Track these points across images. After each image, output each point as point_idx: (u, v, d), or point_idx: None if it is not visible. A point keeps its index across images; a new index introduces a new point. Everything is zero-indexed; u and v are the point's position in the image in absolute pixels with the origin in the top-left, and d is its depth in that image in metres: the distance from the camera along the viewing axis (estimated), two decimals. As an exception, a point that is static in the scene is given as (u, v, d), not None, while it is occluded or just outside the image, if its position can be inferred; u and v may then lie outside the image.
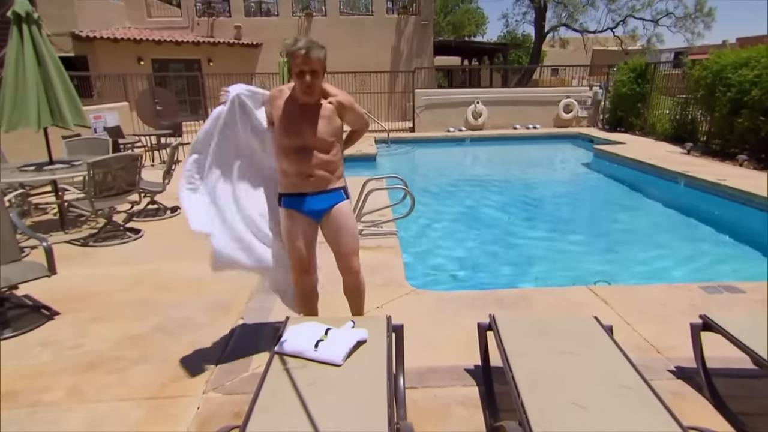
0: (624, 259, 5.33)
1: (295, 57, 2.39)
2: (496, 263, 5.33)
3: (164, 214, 6.09)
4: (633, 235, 6.23)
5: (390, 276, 4.06)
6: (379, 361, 2.05)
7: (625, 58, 17.69)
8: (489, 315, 2.59)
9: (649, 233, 6.30)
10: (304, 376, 1.97)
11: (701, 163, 8.80)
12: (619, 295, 3.70)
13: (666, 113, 12.32)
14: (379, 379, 1.93)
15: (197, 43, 16.26)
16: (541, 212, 7.37)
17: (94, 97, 13.57)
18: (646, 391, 1.91)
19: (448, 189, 9.05)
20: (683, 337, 2.82)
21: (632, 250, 5.59)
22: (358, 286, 2.87)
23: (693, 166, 8.39)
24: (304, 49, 2.37)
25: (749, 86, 8.71)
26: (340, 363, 2.02)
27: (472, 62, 29.58)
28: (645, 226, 6.67)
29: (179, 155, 6.59)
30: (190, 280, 4.03)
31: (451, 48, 24.04)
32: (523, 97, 15.45)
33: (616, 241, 5.94)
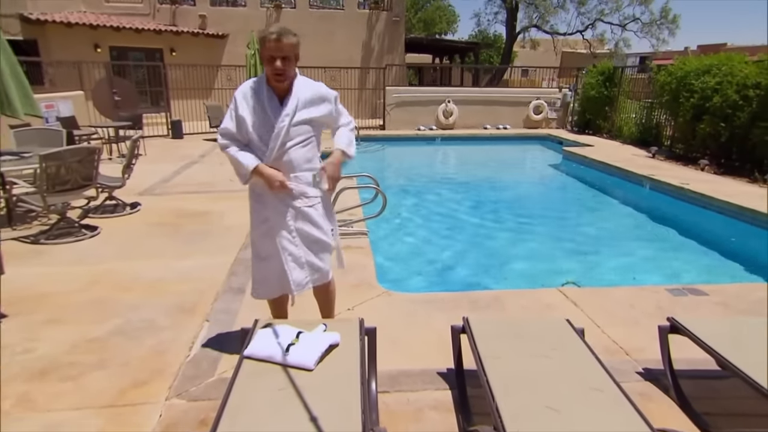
0: (592, 260, 5.47)
1: (266, 42, 2.39)
2: (468, 264, 5.38)
3: (123, 211, 5.91)
4: (601, 237, 6.40)
5: (361, 277, 4.05)
6: (352, 365, 2.04)
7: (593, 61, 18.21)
8: (462, 318, 2.61)
9: (616, 235, 6.48)
10: (275, 381, 1.94)
11: (665, 167, 9.13)
12: (589, 297, 3.80)
13: (632, 117, 12.73)
14: (351, 384, 1.92)
15: (159, 32, 15.82)
16: (511, 213, 7.48)
17: (46, 84, 13.02)
18: (617, 393, 1.97)
19: (419, 188, 9.10)
20: (650, 338, 2.92)
21: (600, 252, 5.74)
22: (328, 287, 2.85)
23: (658, 170, 8.69)
24: (275, 33, 2.37)
25: (711, 93, 9.08)
26: (312, 367, 2.00)
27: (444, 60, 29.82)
28: (612, 228, 6.86)
29: (139, 149, 6.41)
30: (151, 280, 3.93)
31: (422, 45, 24.16)
32: (494, 97, 15.69)
33: (584, 243, 6.08)
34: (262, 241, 2.65)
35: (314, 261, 2.67)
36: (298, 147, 2.54)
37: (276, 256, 2.61)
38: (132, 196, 6.41)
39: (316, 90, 2.59)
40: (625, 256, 5.59)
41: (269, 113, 2.48)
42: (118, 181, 5.83)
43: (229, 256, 4.48)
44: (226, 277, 4.02)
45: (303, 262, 2.64)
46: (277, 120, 2.48)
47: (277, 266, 2.62)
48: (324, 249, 2.72)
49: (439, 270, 5.22)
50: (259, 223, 2.65)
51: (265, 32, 2.40)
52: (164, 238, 5.03)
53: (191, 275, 4.05)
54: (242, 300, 3.58)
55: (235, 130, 2.54)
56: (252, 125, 2.50)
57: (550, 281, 4.65)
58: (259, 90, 2.51)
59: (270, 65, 2.42)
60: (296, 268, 2.63)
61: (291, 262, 2.61)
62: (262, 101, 2.49)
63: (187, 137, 13.01)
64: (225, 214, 5.85)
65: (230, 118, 2.55)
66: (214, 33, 16.90)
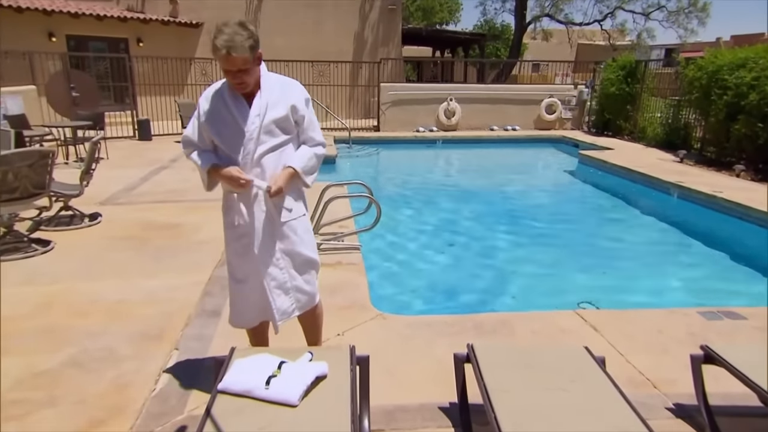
0: (613, 279, 5.48)
1: (218, 56, 2.32)
2: (472, 282, 5.37)
3: (81, 223, 5.87)
4: (623, 252, 6.41)
5: (352, 297, 4.03)
6: (342, 400, 2.02)
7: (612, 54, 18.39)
8: (467, 345, 2.60)
9: (640, 250, 6.50)
10: (254, 419, 1.91)
11: (695, 173, 9.19)
12: (610, 320, 3.79)
13: (657, 117, 12.85)
14: (341, 421, 1.90)
15: (124, 19, 15.87)
16: (521, 225, 7.50)
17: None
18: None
19: (418, 197, 9.11)
20: (681, 368, 2.91)
21: (622, 269, 5.75)
22: (314, 311, 2.83)
23: (687, 176, 8.75)
24: (224, 48, 2.27)
25: (747, 89, 9.18)
26: (296, 403, 1.98)
27: (445, 54, 30.07)
28: (636, 242, 6.88)
29: (101, 152, 6.39)
30: (112, 303, 3.89)
31: (421, 37, 24.35)
32: (502, 94, 15.81)
33: (604, 259, 6.09)
34: (237, 261, 2.62)
35: (301, 285, 2.66)
36: (273, 153, 2.52)
37: (254, 277, 2.58)
38: (91, 206, 6.37)
39: (287, 86, 2.57)
40: (650, 274, 5.60)
41: (236, 116, 2.46)
42: (76, 188, 5.79)
43: (203, 274, 4.45)
44: (198, 298, 3.99)
45: (289, 287, 2.62)
46: (246, 124, 2.45)
47: (256, 290, 2.60)
48: (312, 268, 2.71)
49: (440, 289, 5.21)
50: (232, 240, 2.61)
51: (215, 39, 2.29)
52: (128, 253, 5.00)
53: (159, 297, 4.02)
54: (217, 325, 3.55)
55: (196, 138, 2.55)
56: (218, 132, 2.49)
57: (566, 302, 4.64)
58: (224, 92, 2.49)
59: (227, 76, 2.42)
60: (281, 294, 2.61)
61: (275, 288, 2.59)
62: (227, 104, 2.47)
63: (156, 139, 13.00)
64: (199, 226, 5.83)
65: (192, 126, 2.57)
66: (187, 21, 16.97)
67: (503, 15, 39.37)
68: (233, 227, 2.58)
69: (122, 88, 14.11)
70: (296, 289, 2.65)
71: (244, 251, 2.57)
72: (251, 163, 2.48)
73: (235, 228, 2.58)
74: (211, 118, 2.49)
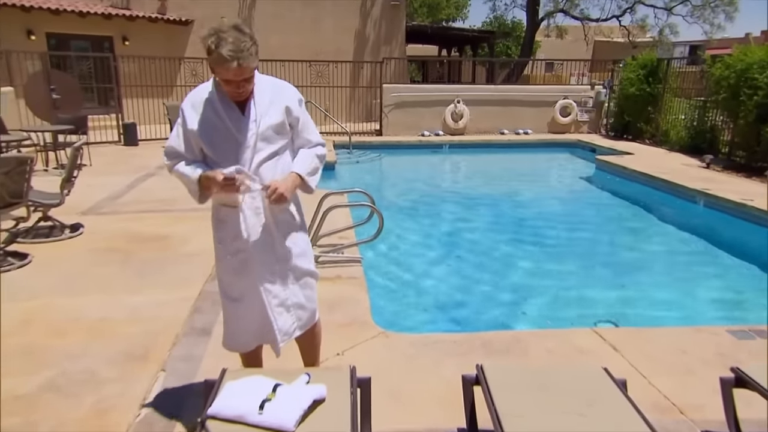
0: (634, 294, 5.46)
1: (223, 70, 2.27)
2: (482, 298, 5.36)
3: (61, 234, 5.88)
4: (644, 264, 6.40)
5: (353, 314, 4.03)
6: (341, 425, 2.01)
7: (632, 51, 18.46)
8: (476, 365, 2.58)
9: (663, 263, 6.48)
10: (245, 447, 1.90)
11: (723, 179, 9.18)
12: (630, 339, 3.78)
13: (681, 119, 12.86)
14: (340, 450, 1.88)
15: (108, 16, 15.97)
16: (534, 236, 7.49)
17: (-35, 79, 13.09)
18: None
19: (423, 206, 9.12)
20: (710, 392, 2.89)
21: (643, 283, 5.73)
22: (313, 330, 2.82)
23: (714, 183, 8.74)
24: (234, 60, 2.23)
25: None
26: (292, 429, 1.96)
27: (452, 53, 30.20)
28: (658, 254, 6.86)
29: (83, 158, 6.42)
30: (93, 321, 3.89)
31: (426, 35, 24.51)
32: (513, 96, 15.84)
33: (623, 273, 6.08)
34: (232, 279, 2.58)
35: (302, 301, 2.66)
36: (270, 161, 2.50)
37: (252, 295, 2.55)
38: (73, 217, 6.38)
39: (279, 88, 2.57)
40: (674, 289, 5.58)
41: (229, 125, 2.43)
42: (56, 197, 5.80)
43: (192, 289, 4.45)
44: (187, 315, 3.99)
45: (290, 305, 2.61)
46: (241, 132, 2.43)
47: (253, 309, 2.57)
48: (313, 283, 2.72)
49: (447, 305, 5.21)
50: (227, 256, 2.56)
51: (218, 48, 2.22)
52: (112, 267, 5.00)
53: (144, 314, 4.01)
54: (207, 344, 3.55)
55: (183, 149, 2.49)
56: (210, 142, 2.45)
57: (583, 319, 4.63)
58: (213, 97, 2.45)
59: (227, 86, 2.36)
60: (282, 312, 2.59)
61: (277, 306, 2.57)
62: (218, 111, 2.43)
63: (143, 144, 13.05)
64: (188, 237, 5.84)
65: (176, 135, 2.50)
66: (176, 19, 17.10)
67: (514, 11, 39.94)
68: (227, 241, 2.54)
69: (106, 89, 14.18)
70: (297, 306, 2.64)
71: (241, 267, 2.53)
72: (251, 172, 2.45)
73: (229, 242, 2.54)
74: (202, 127, 2.44)
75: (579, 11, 25.70)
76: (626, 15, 25.40)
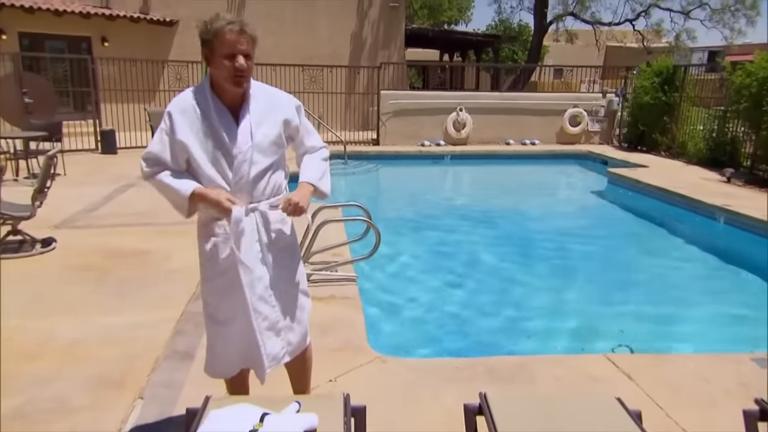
0: (650, 317, 5.45)
1: (225, 34, 2.32)
2: (485, 319, 5.35)
3: (32, 249, 5.86)
4: (661, 285, 6.39)
5: (347, 337, 4.02)
6: (334, 459, 2.00)
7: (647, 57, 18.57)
8: (479, 393, 2.58)
9: (680, 284, 6.48)
10: (229, 481, 1.89)
11: (745, 195, 9.22)
12: (646, 366, 3.77)
13: (699, 129, 12.93)
14: (333, 485, 1.87)
15: (87, 15, 16.04)
16: (541, 253, 7.49)
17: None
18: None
19: (422, 221, 9.13)
20: (732, 425, 2.87)
21: (660, 306, 5.72)
22: (304, 354, 2.81)
23: (735, 199, 8.77)
24: (237, 23, 2.34)
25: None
26: (280, 462, 1.95)
27: (454, 58, 30.40)
28: (676, 274, 6.86)
29: (57, 167, 6.41)
30: (66, 344, 3.87)
31: (427, 38, 24.67)
32: (519, 104, 15.94)
33: (638, 294, 6.08)
34: (218, 300, 2.57)
35: (292, 324, 2.65)
36: (267, 174, 2.51)
37: (240, 317, 2.53)
38: (44, 230, 6.37)
39: (273, 97, 2.59)
40: (693, 312, 5.58)
41: (222, 133, 2.43)
42: (27, 209, 5.79)
43: (174, 310, 4.43)
44: (168, 337, 3.97)
45: (280, 327, 2.59)
46: (235, 142, 2.43)
47: (240, 332, 2.55)
48: (305, 304, 2.72)
49: (448, 327, 5.19)
50: (214, 276, 2.55)
51: (219, 22, 2.33)
52: (86, 286, 4.98)
53: (121, 336, 3.99)
54: (189, 369, 3.53)
55: (168, 158, 2.46)
56: (199, 153, 2.43)
57: (594, 344, 4.64)
58: (204, 103, 2.45)
59: (230, 62, 2.35)
60: (271, 336, 2.57)
61: (266, 329, 2.54)
62: (210, 118, 2.43)
63: (122, 152, 13.06)
64: (171, 253, 5.82)
65: (160, 142, 2.46)
66: (160, 19, 17.20)
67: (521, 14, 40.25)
68: (216, 259, 2.53)
69: (83, 93, 14.20)
70: (288, 329, 2.63)
71: (230, 287, 2.51)
72: (244, 187, 2.46)
73: (219, 260, 2.52)
74: (192, 136, 2.42)
75: (590, 14, 25.92)
76: (640, 19, 25.65)
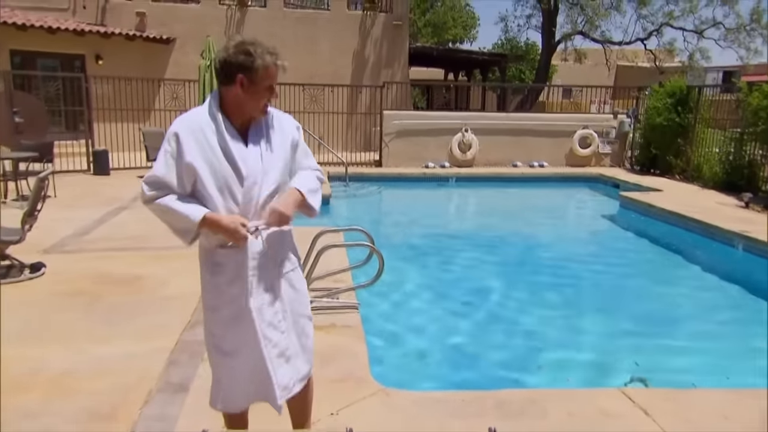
0: (666, 350, 5.42)
1: (271, 67, 2.45)
2: (494, 350, 5.34)
3: (20, 275, 5.85)
4: (676, 315, 6.38)
5: (349, 368, 4.00)
6: (337, 499, 1.98)
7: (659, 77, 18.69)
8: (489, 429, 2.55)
9: (698, 314, 6.46)
10: None
11: (764, 221, 9.15)
12: (664, 402, 3.74)
13: (715, 152, 12.97)
14: None
15: (81, 33, 16.20)
16: (551, 281, 7.47)
17: None
18: None
19: (427, 246, 9.13)
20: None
21: (677, 338, 5.70)
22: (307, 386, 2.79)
23: (753, 224, 8.75)
24: (281, 60, 2.47)
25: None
26: (281, 502, 1.93)
27: (459, 77, 30.60)
28: (692, 303, 6.84)
29: (48, 189, 6.43)
30: (55, 374, 3.85)
31: (431, 57, 24.90)
32: (527, 125, 16.03)
33: (654, 325, 6.05)
34: (225, 330, 2.55)
35: (300, 351, 2.66)
36: (274, 197, 2.54)
37: (249, 346, 2.52)
38: (33, 255, 6.35)
39: (279, 118, 2.64)
40: (712, 344, 5.55)
41: (234, 156, 2.45)
42: (16, 233, 5.80)
43: (168, 339, 4.41)
44: (162, 368, 3.95)
45: (289, 355, 2.59)
46: (247, 165, 2.45)
47: (248, 362, 2.54)
48: (310, 330, 2.73)
49: (454, 358, 5.18)
50: (220, 305, 2.54)
51: (268, 57, 2.43)
52: (77, 313, 4.97)
53: (113, 366, 3.98)
54: (184, 402, 3.51)
55: (174, 181, 2.44)
56: (208, 176, 2.44)
57: (608, 378, 4.61)
58: (214, 124, 2.47)
59: (265, 96, 2.49)
60: (282, 364, 2.56)
61: (277, 357, 2.54)
62: (220, 140, 2.45)
63: (115, 173, 13.12)
64: (165, 279, 5.83)
65: (165, 164, 2.45)
66: (155, 36, 17.37)
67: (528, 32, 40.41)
68: (223, 287, 2.52)
69: (76, 112, 14.29)
70: (296, 357, 2.63)
71: (238, 316, 2.51)
72: (255, 211, 2.48)
73: (226, 287, 2.52)
74: (201, 159, 2.43)
75: (599, 33, 26.10)
76: (652, 38, 25.85)
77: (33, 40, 15.81)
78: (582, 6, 25.09)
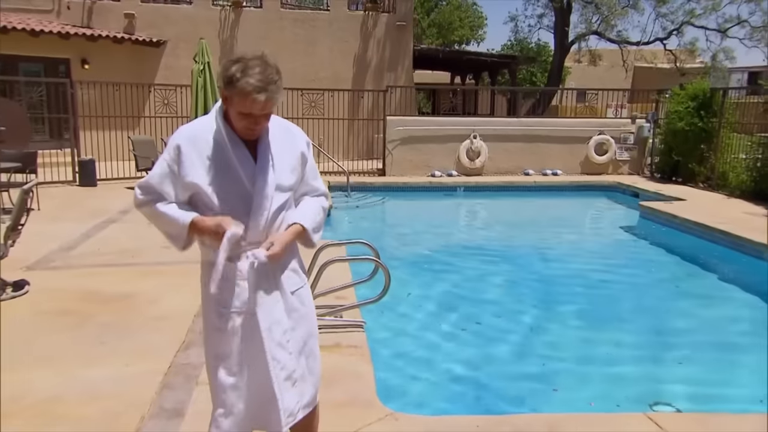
0: (695, 370, 5.39)
1: (248, 96, 2.29)
2: (508, 372, 5.31)
3: (1, 294, 5.84)
4: (704, 333, 6.34)
5: (354, 391, 3.99)
6: None
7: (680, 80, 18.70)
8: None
9: (726, 332, 6.43)
10: None
11: (795, 232, 9.17)
12: (693, 427, 3.73)
13: (742, 158, 12.95)
14: None
15: (66, 36, 16.25)
16: (568, 296, 7.45)
17: None
18: None
19: (435, 260, 9.13)
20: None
21: (705, 358, 5.67)
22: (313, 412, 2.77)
23: (784, 236, 8.72)
24: (263, 93, 2.28)
25: None
26: None
27: (467, 80, 30.70)
28: (719, 321, 6.81)
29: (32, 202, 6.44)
30: (41, 400, 3.84)
31: (437, 59, 24.98)
32: (539, 130, 16.09)
33: (680, 344, 6.02)
34: (229, 351, 2.51)
35: (306, 373, 2.64)
36: (282, 212, 2.54)
37: (255, 367, 2.50)
38: (16, 272, 6.36)
39: (288, 130, 2.63)
40: (743, 364, 5.52)
41: (239, 170, 2.43)
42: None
43: (161, 361, 4.39)
44: (155, 392, 3.93)
45: (296, 377, 2.57)
46: (254, 179, 2.44)
47: (254, 385, 2.52)
48: (317, 350, 2.72)
49: (467, 380, 5.15)
50: (224, 325, 2.51)
51: (245, 79, 2.27)
52: (63, 334, 4.95)
53: (103, 391, 3.96)
54: (179, 429, 3.49)
55: (170, 191, 2.46)
56: (211, 190, 2.43)
57: (633, 401, 4.56)
58: (217, 135, 2.45)
59: (243, 121, 2.37)
60: (289, 387, 2.54)
61: (285, 379, 2.52)
62: (224, 152, 2.43)
63: (103, 184, 13.16)
64: (157, 296, 5.82)
65: (161, 173, 2.46)
66: (145, 39, 17.46)
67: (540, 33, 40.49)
68: (228, 303, 2.50)
69: (60, 120, 14.35)
70: (302, 380, 2.61)
71: (246, 335, 2.49)
72: (261, 226, 2.46)
73: (231, 304, 2.49)
74: (204, 172, 2.42)
75: (616, 33, 26.06)
76: (672, 37, 25.78)
77: (15, 43, 15.80)
78: (597, 4, 25.05)
